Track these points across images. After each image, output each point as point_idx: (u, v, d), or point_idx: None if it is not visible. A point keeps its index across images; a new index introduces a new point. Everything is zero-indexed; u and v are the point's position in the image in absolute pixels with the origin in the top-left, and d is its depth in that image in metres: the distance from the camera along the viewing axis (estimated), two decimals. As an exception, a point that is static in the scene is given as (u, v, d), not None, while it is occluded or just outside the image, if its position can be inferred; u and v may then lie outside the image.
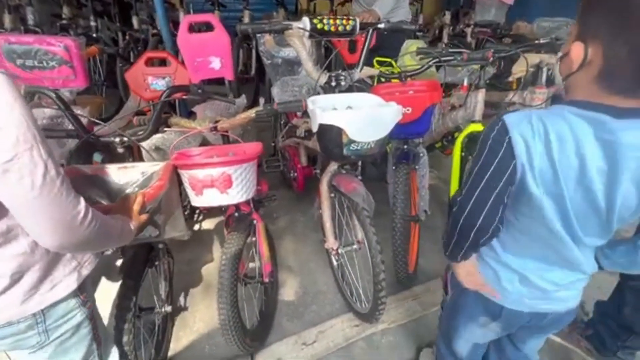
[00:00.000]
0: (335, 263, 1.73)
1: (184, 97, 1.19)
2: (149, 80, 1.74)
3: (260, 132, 2.59)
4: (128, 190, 1.11)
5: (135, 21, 3.34)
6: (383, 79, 1.71)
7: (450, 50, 1.58)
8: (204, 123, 1.24)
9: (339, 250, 1.54)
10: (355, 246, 1.50)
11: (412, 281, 1.75)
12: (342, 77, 1.33)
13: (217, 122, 1.23)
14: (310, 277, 1.84)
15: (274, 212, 2.26)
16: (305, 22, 1.23)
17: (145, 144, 1.41)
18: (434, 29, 3.90)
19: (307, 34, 1.23)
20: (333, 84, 1.32)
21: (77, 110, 1.46)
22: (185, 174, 1.09)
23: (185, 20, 1.65)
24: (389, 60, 2.39)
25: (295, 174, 2.05)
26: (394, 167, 1.63)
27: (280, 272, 1.85)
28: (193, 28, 1.74)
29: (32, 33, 2.97)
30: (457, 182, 1.85)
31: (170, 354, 1.45)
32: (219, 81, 1.85)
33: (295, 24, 1.20)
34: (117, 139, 1.12)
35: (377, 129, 1.17)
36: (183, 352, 1.47)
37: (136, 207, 0.87)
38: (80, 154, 1.54)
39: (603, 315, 1.43)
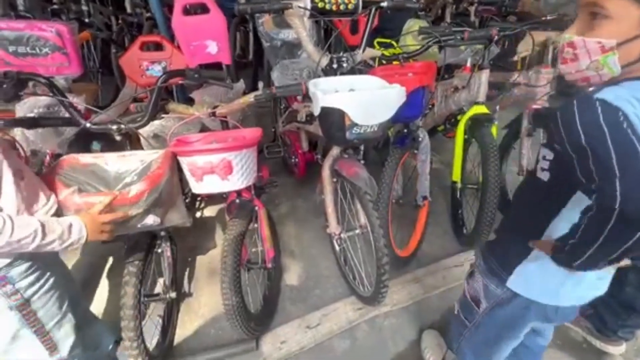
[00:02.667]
0: (337, 248, 1.73)
1: (181, 82, 1.16)
2: (144, 66, 1.70)
3: (260, 118, 2.57)
4: (127, 179, 1.10)
5: (128, 4, 3.25)
6: (384, 61, 1.67)
7: (453, 29, 1.54)
8: (202, 109, 1.21)
9: (342, 235, 1.54)
10: (357, 231, 1.50)
11: (405, 265, 1.76)
12: (343, 59, 1.29)
13: (215, 107, 1.21)
14: (312, 261, 1.85)
15: (275, 199, 2.25)
16: (306, 0, 1.19)
17: (143, 131, 1.39)
18: (437, 7, 3.78)
19: (307, 13, 1.19)
20: (335, 66, 1.29)
21: (73, 98, 1.44)
22: (184, 161, 1.08)
23: (179, 1, 1.59)
24: (389, 41, 2.33)
25: (297, 160, 2.03)
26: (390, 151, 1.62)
27: (283, 257, 1.86)
28: (188, 10, 1.69)
29: (23, 19, 2.90)
30: (460, 166, 1.84)
31: (176, 339, 1.48)
32: (218, 66, 1.81)
33: (295, 3, 1.16)
34: (115, 127, 1.10)
35: (381, 111, 1.14)
36: (189, 337, 1.49)
37: (97, 207, 0.89)
38: (79, 143, 1.53)
39: (604, 294, 1.44)
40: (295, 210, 2.18)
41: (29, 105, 1.47)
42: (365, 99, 1.10)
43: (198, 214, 2.12)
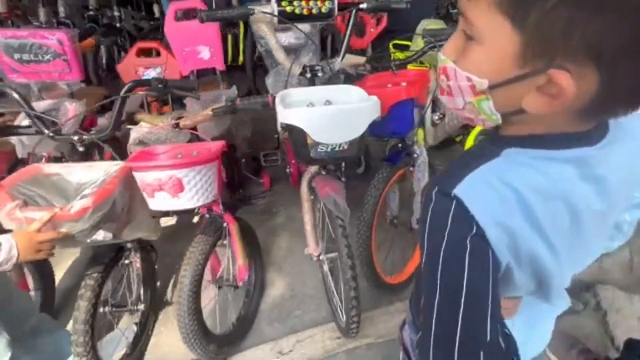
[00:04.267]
0: (325, 268, 1.62)
1: (143, 92, 1.12)
2: (140, 72, 1.72)
3: (263, 124, 2.51)
4: (86, 191, 1.09)
5: (156, 9, 3.38)
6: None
7: (459, 31, 1.34)
8: (167, 120, 1.17)
9: (321, 257, 1.42)
10: (337, 254, 1.37)
11: (396, 293, 1.60)
12: (318, 68, 1.18)
13: (179, 118, 1.15)
14: (300, 278, 1.75)
15: (273, 207, 2.18)
16: (273, 5, 1.09)
17: (132, 137, 1.39)
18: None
19: (275, 19, 1.09)
20: (308, 75, 1.18)
21: (73, 104, 1.48)
22: (136, 176, 1.04)
23: (171, 7, 1.57)
24: (407, 43, 2.15)
25: (291, 169, 1.94)
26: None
27: (270, 271, 1.78)
28: (183, 16, 1.67)
29: (64, 25, 3.13)
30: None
31: (149, 348, 1.46)
32: (212, 71, 1.78)
33: (258, 9, 1.06)
34: (76, 137, 1.09)
35: (349, 128, 1.01)
36: (162, 347, 1.47)
37: (34, 225, 0.86)
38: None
39: (633, 353, 1.18)
40: (292, 220, 2.10)
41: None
42: (328, 115, 0.98)
43: (196, 219, 2.12)
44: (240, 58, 3.47)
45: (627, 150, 0.44)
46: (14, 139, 1.47)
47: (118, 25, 3.20)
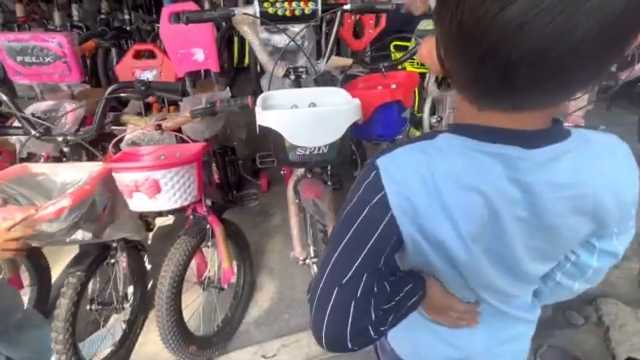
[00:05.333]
0: (313, 272, 1.59)
1: (126, 94, 1.13)
2: (137, 74, 1.74)
3: (262, 125, 2.51)
4: (69, 191, 1.11)
5: (165, 12, 3.44)
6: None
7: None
8: (150, 121, 1.18)
9: (307, 261, 1.40)
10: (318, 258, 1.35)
11: None
12: (301, 70, 1.16)
13: (162, 120, 1.16)
14: (290, 282, 1.73)
15: (270, 209, 2.18)
16: (255, 6, 1.08)
17: (125, 139, 1.41)
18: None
19: (258, 21, 1.08)
20: (292, 77, 1.16)
21: (72, 105, 1.52)
22: (115, 177, 1.05)
23: (165, 10, 1.59)
24: (407, 44, 2.11)
25: (283, 171, 1.93)
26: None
27: (261, 274, 1.77)
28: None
29: (77, 28, 3.24)
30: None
31: (137, 346, 1.48)
32: (208, 72, 1.79)
33: (239, 10, 1.05)
34: (60, 138, 1.11)
35: (325, 131, 0.99)
36: (148, 346, 1.48)
37: (6, 223, 0.86)
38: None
39: None
40: (287, 223, 2.07)
41: (31, 110, 1.59)
42: (305, 118, 0.96)
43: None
44: (246, 60, 3.51)
45: (589, 176, 0.41)
46: (13, 139, 1.52)
47: (128, 28, 3.28)
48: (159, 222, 1.96)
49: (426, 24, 1.89)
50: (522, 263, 0.46)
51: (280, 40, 1.85)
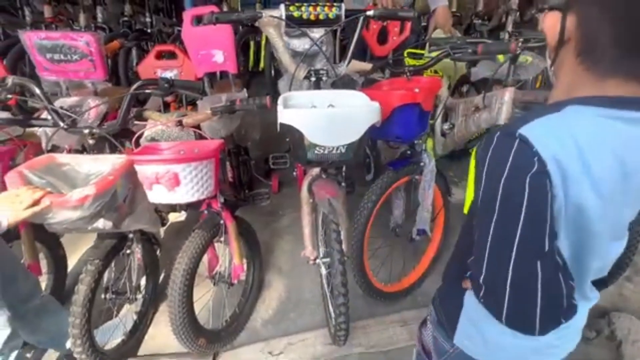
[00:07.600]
0: (323, 272, 1.61)
1: (150, 90, 1.18)
2: (159, 73, 1.81)
3: (275, 127, 2.55)
4: (92, 181, 1.15)
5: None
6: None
7: (468, 40, 1.32)
8: (172, 117, 1.22)
9: (317, 261, 1.42)
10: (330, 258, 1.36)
11: (392, 302, 1.58)
12: (322, 72, 1.19)
13: (182, 116, 1.20)
14: (298, 281, 1.75)
15: (280, 209, 2.20)
16: (281, 10, 1.12)
17: (145, 134, 1.46)
18: (498, 15, 3.38)
19: (283, 23, 1.13)
20: (313, 79, 1.20)
21: (96, 101, 1.58)
22: (137, 169, 1.09)
23: (188, 13, 1.65)
24: (421, 52, 2.13)
25: (296, 172, 1.96)
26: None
27: (269, 272, 1.79)
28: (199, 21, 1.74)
29: (100, 29, 3.36)
30: (472, 198, 1.57)
31: (147, 337, 1.51)
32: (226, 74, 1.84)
33: (266, 12, 1.10)
34: (87, 131, 1.16)
35: (344, 132, 1.02)
36: (158, 337, 1.51)
37: (25, 202, 0.90)
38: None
39: None
40: (297, 224, 2.09)
41: (58, 105, 1.67)
42: (326, 117, 0.99)
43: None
44: (261, 64, 3.58)
45: None
46: (39, 131, 1.59)
47: (149, 30, 3.39)
48: (172, 217, 2.00)
49: (439, 32, 1.92)
50: (625, 221, 0.50)
51: (299, 44, 1.88)
